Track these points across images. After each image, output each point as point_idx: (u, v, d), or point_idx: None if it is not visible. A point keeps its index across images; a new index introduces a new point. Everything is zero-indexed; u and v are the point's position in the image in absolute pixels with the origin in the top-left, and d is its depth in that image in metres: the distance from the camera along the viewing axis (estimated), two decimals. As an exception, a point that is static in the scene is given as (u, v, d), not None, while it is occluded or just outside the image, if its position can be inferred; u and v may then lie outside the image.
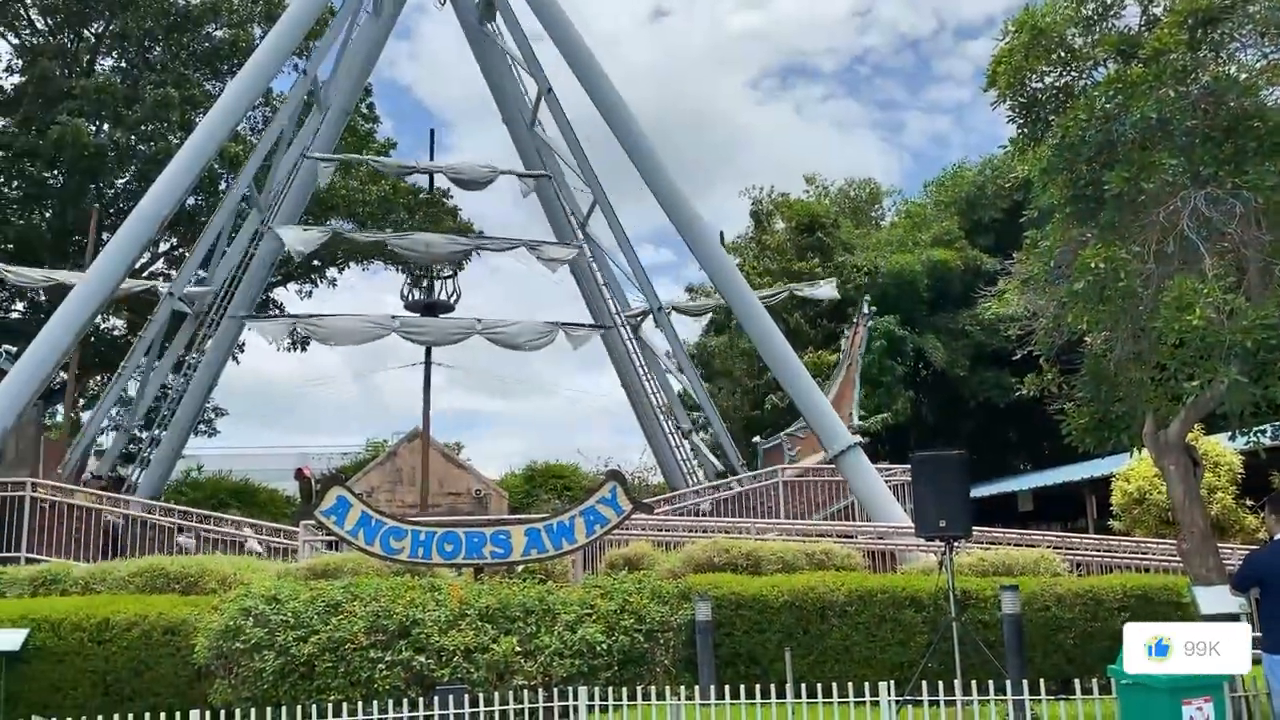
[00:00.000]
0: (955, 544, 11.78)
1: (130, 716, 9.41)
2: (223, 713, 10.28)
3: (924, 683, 9.37)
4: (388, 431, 39.80)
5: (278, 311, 25.23)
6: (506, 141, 27.32)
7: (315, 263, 34.73)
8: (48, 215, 30.66)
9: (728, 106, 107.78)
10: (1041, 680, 9.61)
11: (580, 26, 21.32)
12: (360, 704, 9.98)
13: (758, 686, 9.68)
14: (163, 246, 32.63)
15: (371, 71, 26.61)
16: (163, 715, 9.39)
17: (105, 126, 28.98)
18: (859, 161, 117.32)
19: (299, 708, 9.88)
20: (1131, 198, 9.60)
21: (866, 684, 9.41)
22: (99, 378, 34.70)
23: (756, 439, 33.59)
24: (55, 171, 29.60)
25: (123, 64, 31.82)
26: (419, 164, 25.27)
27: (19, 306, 33.05)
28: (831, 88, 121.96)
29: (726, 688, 9.68)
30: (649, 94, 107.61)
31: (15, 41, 31.35)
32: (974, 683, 9.26)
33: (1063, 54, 10.59)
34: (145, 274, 32.66)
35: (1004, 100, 10.83)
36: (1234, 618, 9.03)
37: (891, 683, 9.08)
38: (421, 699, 10.16)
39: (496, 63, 26.66)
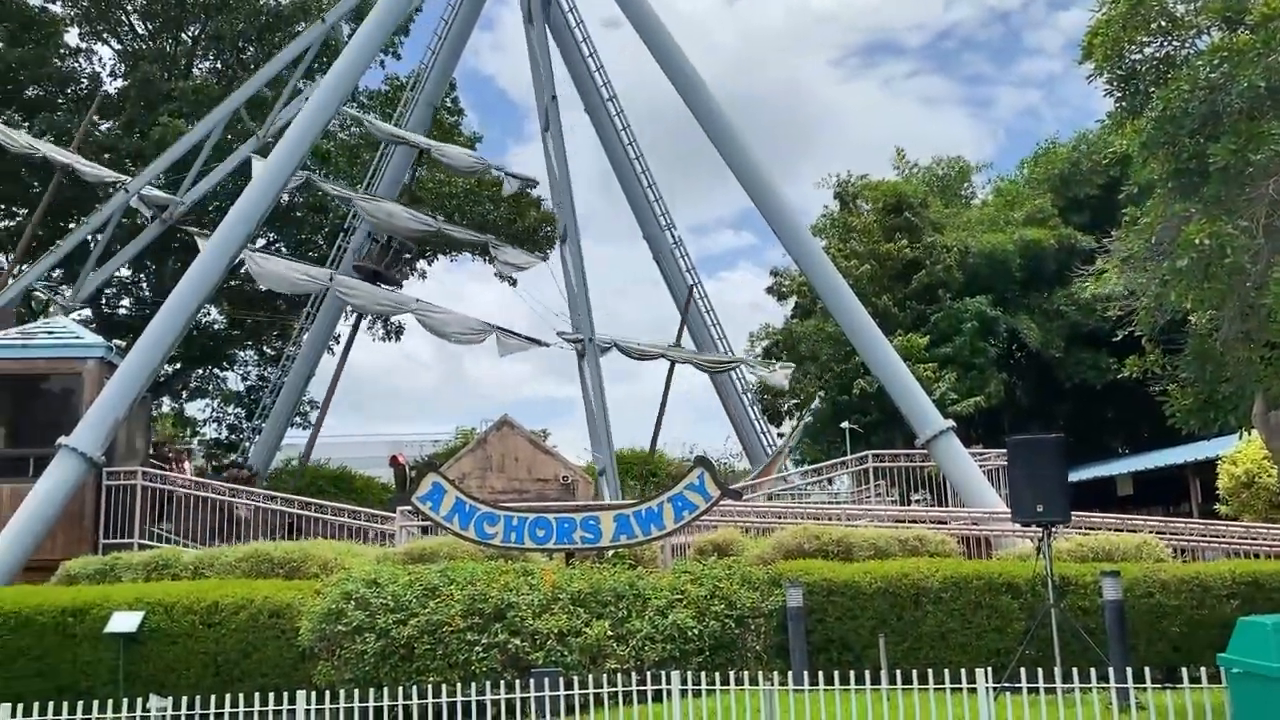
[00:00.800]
0: (1053, 529, 11.54)
1: (240, 696, 9.78)
2: (327, 693, 10.61)
3: (1022, 670, 9.21)
4: (476, 419, 40.55)
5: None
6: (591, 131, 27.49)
7: (406, 255, 35.37)
8: (151, 214, 31.82)
9: (811, 87, 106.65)
10: (1146, 669, 9.37)
11: (659, 8, 21.24)
12: (459, 685, 10.21)
13: (851, 673, 9.64)
14: (260, 242, 33.58)
15: (456, 65, 26.99)
16: (271, 696, 9.73)
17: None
18: (948, 138, 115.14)
19: (400, 689, 10.17)
20: (1238, 170, 9.26)
21: (963, 671, 9.29)
22: (201, 370, 35.97)
23: (844, 424, 33.30)
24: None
25: (218, 65, 32.83)
26: (409, 136, 24.92)
27: (125, 303, 34.42)
28: (917, 64, 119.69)
29: (819, 673, 9.66)
30: (730, 76, 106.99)
31: (118, 47, 32.60)
32: (1074, 670, 9.07)
33: (1163, 23, 10.25)
34: (243, 269, 33.73)
35: (1101, 73, 10.52)
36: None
37: (989, 669, 8.94)
38: (518, 681, 10.36)
39: (571, 52, 26.80)
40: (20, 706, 9.71)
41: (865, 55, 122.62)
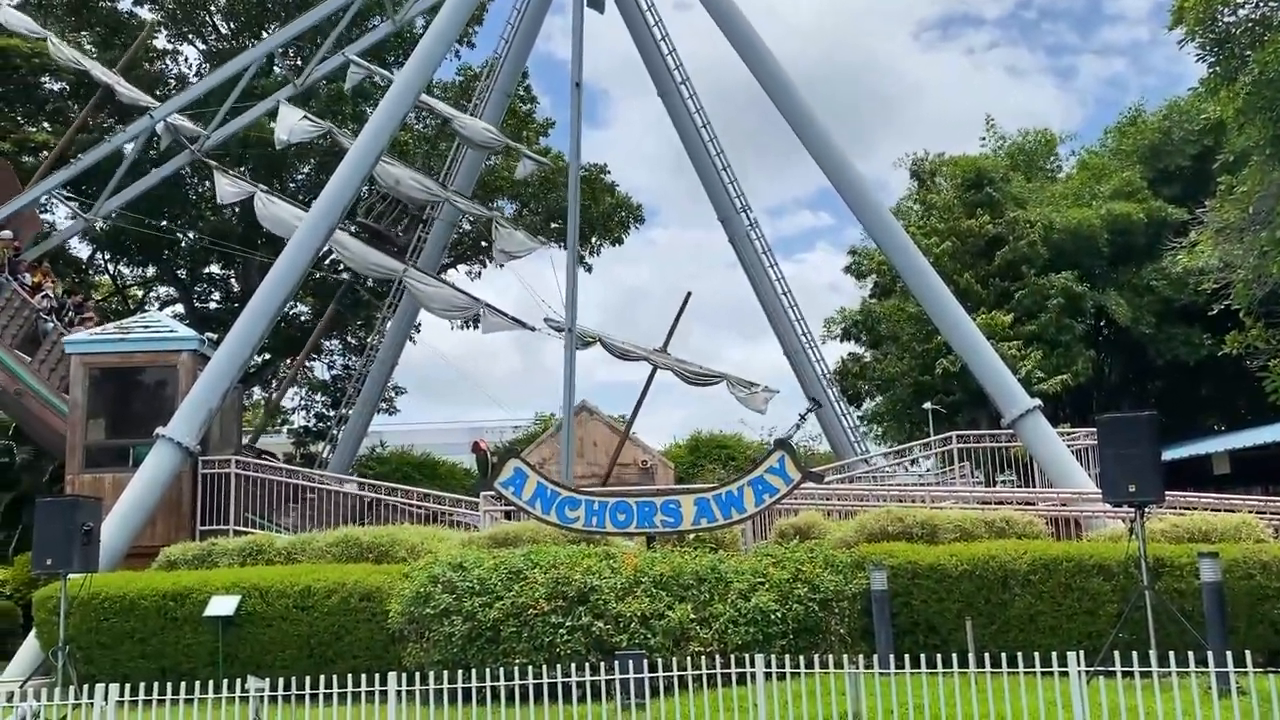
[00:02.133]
0: (1146, 509, 11.23)
1: (334, 678, 10.05)
2: (416, 675, 10.84)
3: (1115, 653, 9.00)
4: (555, 405, 40.86)
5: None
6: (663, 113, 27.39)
7: (483, 244, 35.80)
8: (238, 210, 32.74)
9: (890, 62, 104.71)
10: (1246, 652, 9.08)
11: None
12: (544, 668, 10.35)
13: (938, 656, 9.51)
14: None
15: (530, 52, 27.12)
16: (363, 677, 9.98)
17: (285, 123, 30.62)
18: (1033, 111, 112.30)
19: (486, 670, 10.35)
20: (1342, 134, 8.87)
21: (1054, 654, 9.10)
22: (288, 360, 36.90)
23: (927, 404, 32.80)
24: (243, 168, 31.52)
25: (298, 62, 33.52)
26: (435, 105, 25.03)
27: (215, 297, 35.46)
28: (996, 35, 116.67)
29: (905, 657, 9.56)
30: (807, 54, 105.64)
31: (202, 47, 33.51)
32: (1170, 654, 8.83)
33: (1259, -18, 9.84)
34: (327, 261, 34.50)
35: (1192, 38, 10.17)
36: None
37: (1081, 653, 8.75)
38: (602, 664, 10.46)
39: (642, 34, 26.69)
40: (128, 686, 10.13)
41: (943, 29, 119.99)
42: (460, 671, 10.53)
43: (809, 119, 20.10)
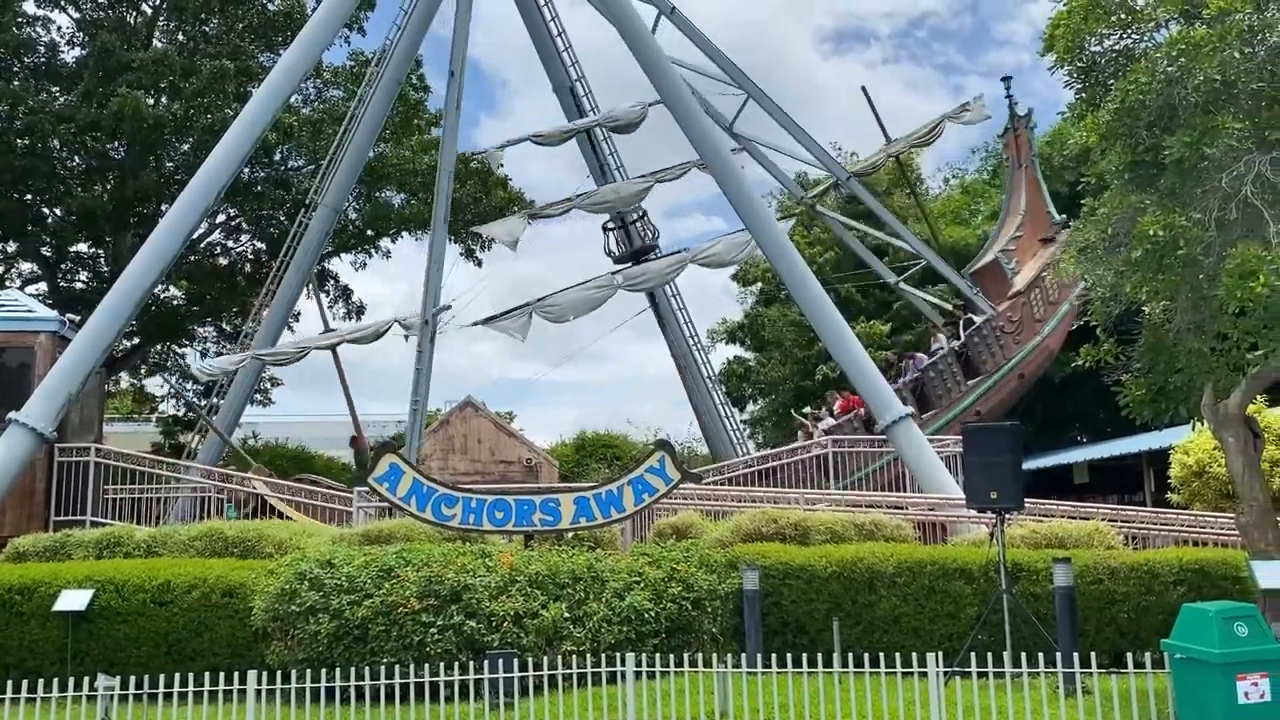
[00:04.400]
0: (1007, 516, 11.67)
1: (191, 675, 9.67)
2: (279, 674, 10.53)
3: (973, 655, 9.32)
4: (439, 400, 40.24)
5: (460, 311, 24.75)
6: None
7: (369, 233, 35.08)
8: (109, 186, 31.28)
9: (795, 67, 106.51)
10: (1093, 654, 9.51)
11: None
12: (413, 667, 10.17)
13: (805, 656, 9.71)
14: (220, 217, 33.14)
15: (423, 39, 26.68)
16: (221, 675, 9.64)
17: (163, 99, 29.41)
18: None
19: (353, 670, 10.11)
20: (1193, 163, 9.36)
21: (915, 655, 9.38)
22: (159, 346, 35.49)
23: (807, 410, 33.49)
24: (116, 143, 30.14)
25: (180, 37, 32.23)
26: (576, 124, 25.59)
27: (83, 277, 33.84)
28: (888, 51, 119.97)
29: (774, 656, 9.72)
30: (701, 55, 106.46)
31: (76, 15, 31.91)
32: (1024, 655, 9.19)
33: (1123, 15, 10.33)
34: (204, 243, 33.28)
35: (1062, 64, 10.59)
36: (1293, 593, 8.86)
37: (940, 654, 9.03)
38: (472, 663, 10.34)
39: (538, 25, 26.54)
40: (-36, 685, 9.55)
41: (836, 42, 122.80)
42: (325, 670, 10.27)
43: (697, 123, 20.29)
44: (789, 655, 9.66)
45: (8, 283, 34.08)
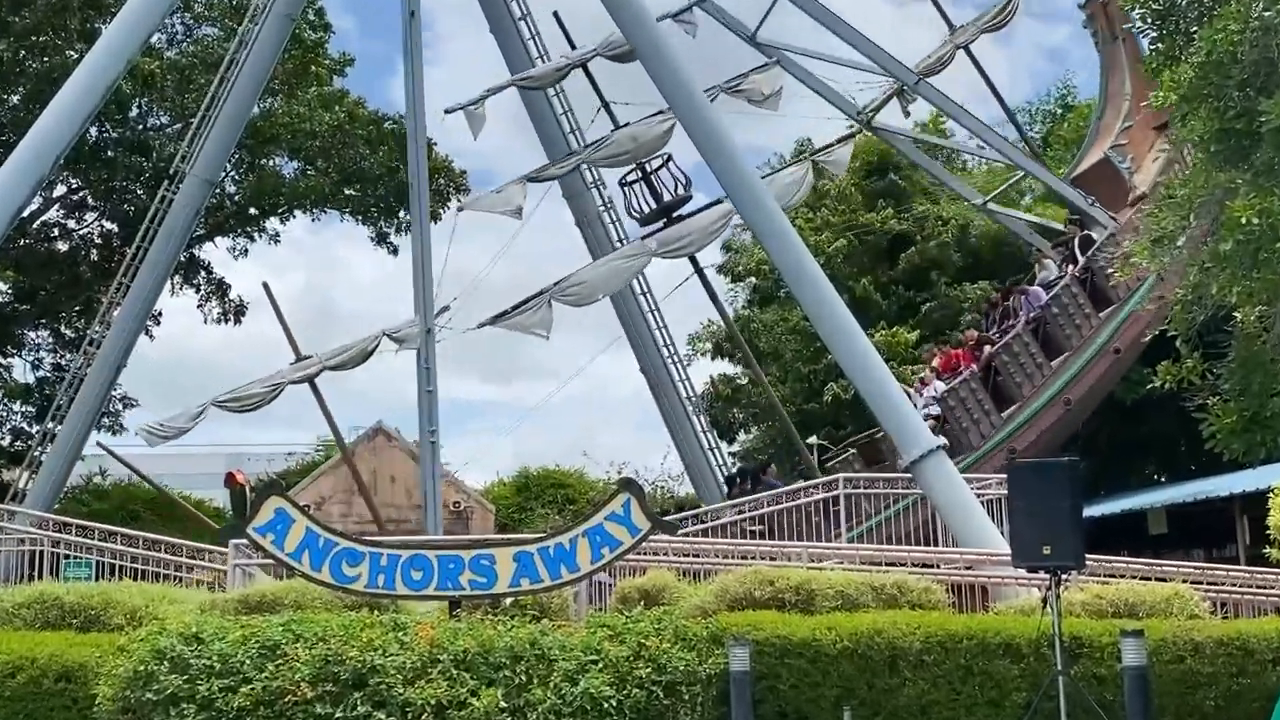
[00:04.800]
0: (1063, 577, 11.75)
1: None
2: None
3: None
4: (344, 426, 39.90)
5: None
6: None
7: (252, 211, 34.91)
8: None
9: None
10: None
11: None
12: (303, 772, 10.08)
13: (807, 756, 9.72)
14: (59, 190, 32.82)
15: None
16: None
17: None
18: (952, 81, 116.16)
19: (226, 776, 10.00)
20: (1297, 133, 9.49)
21: (946, 754, 9.42)
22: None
23: (813, 439, 33.62)
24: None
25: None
26: (573, 57, 25.68)
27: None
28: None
29: (767, 757, 9.72)
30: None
31: None
32: (1084, 754, 9.26)
33: (1210, -55, 10.49)
34: (38, 222, 32.94)
35: (1134, 5, 10.74)
36: None
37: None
38: (380, 767, 10.26)
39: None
40: None
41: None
42: (190, 777, 10.16)
43: (676, 76, 20.36)
44: (788, 755, 9.67)
45: None
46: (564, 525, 14.93)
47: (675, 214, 25.73)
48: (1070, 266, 25.49)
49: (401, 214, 34.54)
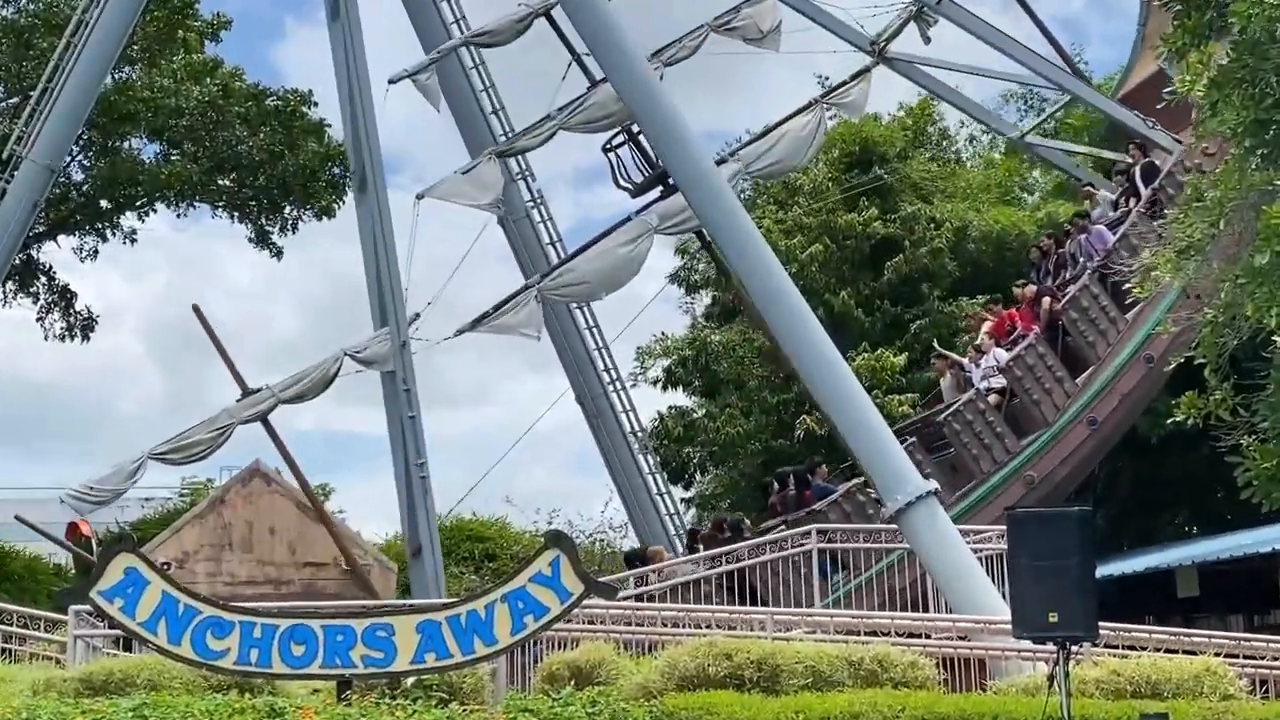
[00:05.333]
0: (1074, 649, 11.86)
1: None
2: None
3: None
4: (213, 467, 39.47)
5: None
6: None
7: (104, 204, 34.53)
8: None
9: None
10: None
11: None
12: None
13: None
14: None
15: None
16: None
17: None
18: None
19: None
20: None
21: None
22: None
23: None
24: None
25: None
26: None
27: None
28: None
29: None
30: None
31: None
32: None
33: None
34: None
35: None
36: None
37: None
38: None
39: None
40: None
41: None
42: None
43: (619, 46, 20.47)
44: None
45: None
46: (480, 588, 14.89)
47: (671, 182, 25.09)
48: (1133, 200, 25.63)
49: (287, 208, 34.38)
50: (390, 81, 24.19)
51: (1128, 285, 13.11)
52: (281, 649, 12.58)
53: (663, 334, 41.24)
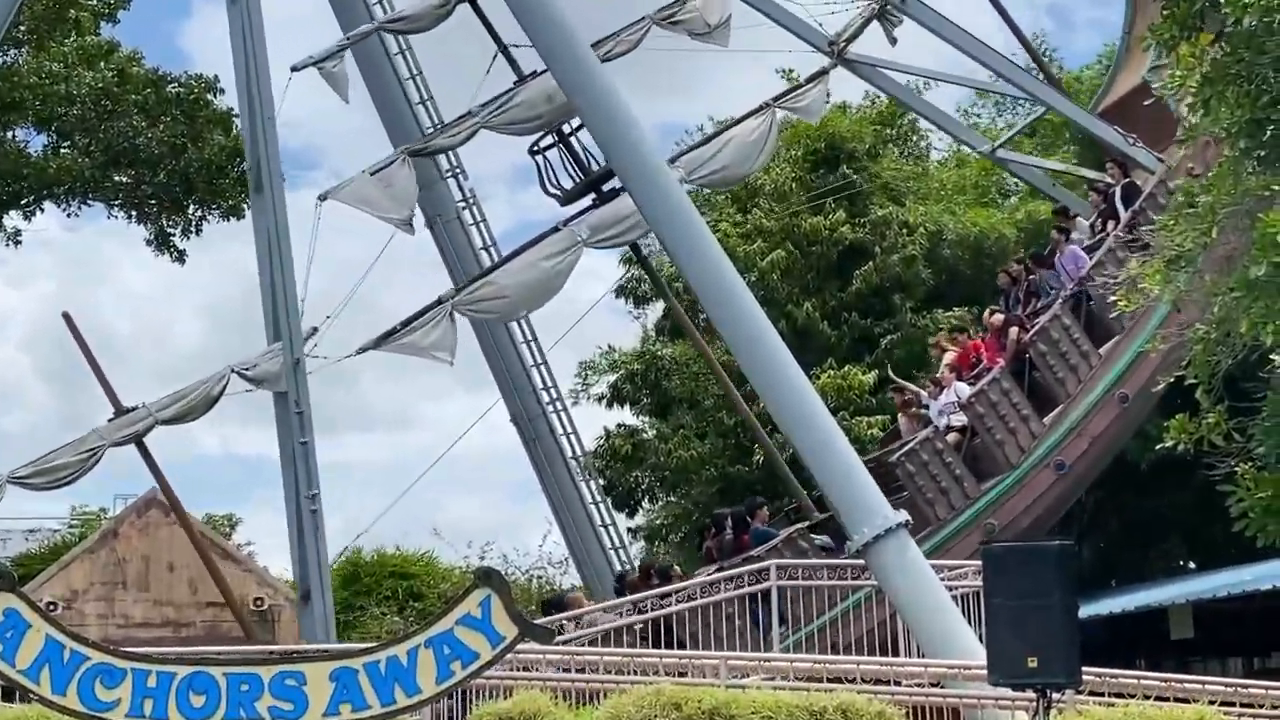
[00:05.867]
0: (1054, 696, 11.94)
1: None
2: None
3: None
4: (106, 494, 39.18)
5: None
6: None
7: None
8: None
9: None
10: None
11: None
12: None
13: None
14: None
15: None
16: None
17: None
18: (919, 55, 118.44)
19: None
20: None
21: None
22: None
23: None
24: None
25: None
26: None
27: None
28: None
29: None
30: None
31: None
32: None
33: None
34: None
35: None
36: None
37: None
38: None
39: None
40: None
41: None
42: None
43: (558, 30, 20.53)
44: None
45: None
46: (403, 631, 14.84)
47: (608, 187, 25.23)
48: (1111, 224, 25.76)
49: (191, 208, 34.23)
50: (293, 69, 24.11)
51: (1112, 298, 13.18)
52: (179, 700, 12.49)
53: (609, 346, 41.24)
